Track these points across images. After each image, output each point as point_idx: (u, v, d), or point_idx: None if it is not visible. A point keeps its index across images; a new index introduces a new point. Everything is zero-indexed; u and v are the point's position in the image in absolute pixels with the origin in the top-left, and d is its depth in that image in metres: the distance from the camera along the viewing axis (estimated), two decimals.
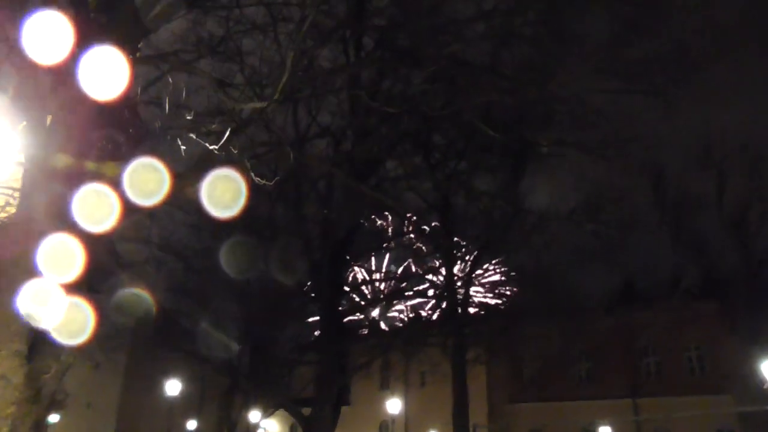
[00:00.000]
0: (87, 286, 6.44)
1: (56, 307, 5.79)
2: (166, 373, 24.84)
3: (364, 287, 19.26)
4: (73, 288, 5.78)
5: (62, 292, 5.66)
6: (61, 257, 5.87)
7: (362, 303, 19.01)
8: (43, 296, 5.70)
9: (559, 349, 34.29)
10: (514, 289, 24.49)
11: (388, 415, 38.35)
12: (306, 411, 17.18)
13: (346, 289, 19.00)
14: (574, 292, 25.79)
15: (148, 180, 6.63)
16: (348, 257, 16.00)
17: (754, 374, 23.48)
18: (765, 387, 15.52)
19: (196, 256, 27.47)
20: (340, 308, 16.66)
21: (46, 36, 5.80)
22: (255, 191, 20.06)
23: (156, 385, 26.89)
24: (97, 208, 6.03)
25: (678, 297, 32.60)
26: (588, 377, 34.49)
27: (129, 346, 37.43)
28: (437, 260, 23.08)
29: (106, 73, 6.05)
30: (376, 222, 20.27)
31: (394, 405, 25.41)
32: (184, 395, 32.27)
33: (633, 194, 20.93)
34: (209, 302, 30.27)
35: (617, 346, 33.16)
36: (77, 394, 38.07)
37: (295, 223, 16.42)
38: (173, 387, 22.53)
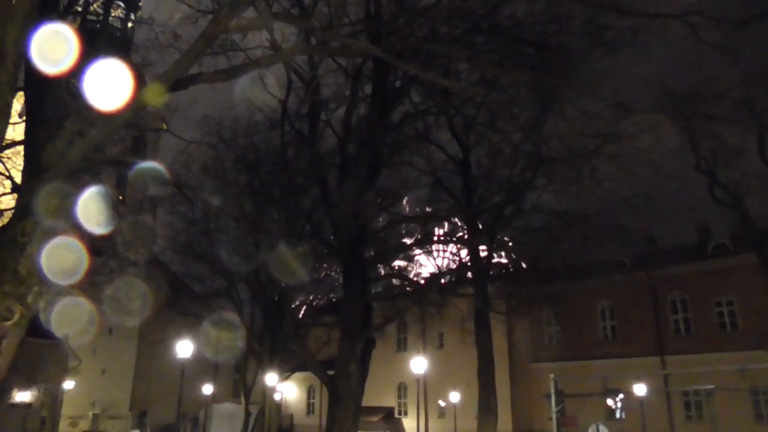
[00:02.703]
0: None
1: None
2: (180, 338, 24.01)
3: (387, 234, 17.86)
4: None
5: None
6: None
7: (387, 252, 17.54)
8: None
9: (583, 306, 33.21)
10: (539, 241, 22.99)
11: (406, 377, 37.73)
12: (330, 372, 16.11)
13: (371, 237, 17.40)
14: (598, 247, 24.24)
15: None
16: (369, 201, 14.55)
17: None
18: None
19: (203, 216, 26.30)
20: (363, 256, 15.23)
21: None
22: (266, 135, 18.51)
23: (170, 350, 26.17)
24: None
25: (710, 252, 31.22)
26: (613, 335, 33.43)
27: (141, 311, 36.88)
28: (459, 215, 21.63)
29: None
30: (397, 166, 18.76)
31: (418, 364, 24.08)
32: (199, 360, 31.71)
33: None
34: (217, 265, 29.39)
35: (643, 303, 31.99)
36: (91, 361, 37.78)
37: (312, 165, 14.95)
38: (185, 348, 21.56)
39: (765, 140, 22.70)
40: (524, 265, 22.75)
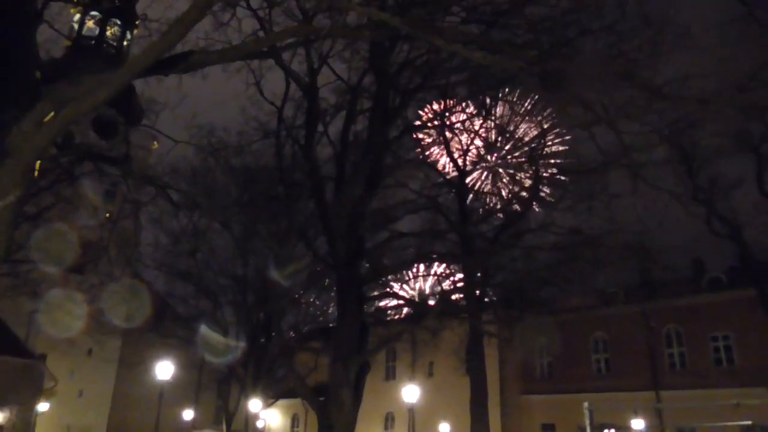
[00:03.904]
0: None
1: None
2: (162, 360, 23.10)
3: (382, 252, 17.26)
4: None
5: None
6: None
7: (385, 267, 16.84)
8: None
9: (576, 337, 32.59)
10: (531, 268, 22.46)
11: (394, 407, 36.63)
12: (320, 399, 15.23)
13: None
14: (590, 277, 23.70)
15: None
16: (366, 214, 13.97)
17: None
18: None
19: (186, 234, 25.50)
20: (360, 272, 14.51)
21: None
22: (260, 145, 17.99)
23: (151, 374, 25.19)
24: None
25: (704, 285, 30.82)
26: (606, 368, 32.71)
27: (123, 332, 35.74)
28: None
29: None
30: (393, 187, 18.31)
31: (410, 393, 23.08)
32: (180, 383, 30.54)
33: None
34: (203, 285, 28.59)
35: (637, 336, 31.37)
36: (68, 382, 36.44)
37: (308, 174, 14.33)
38: (165, 370, 20.61)
39: (763, 171, 22.47)
40: (522, 290, 22.21)
